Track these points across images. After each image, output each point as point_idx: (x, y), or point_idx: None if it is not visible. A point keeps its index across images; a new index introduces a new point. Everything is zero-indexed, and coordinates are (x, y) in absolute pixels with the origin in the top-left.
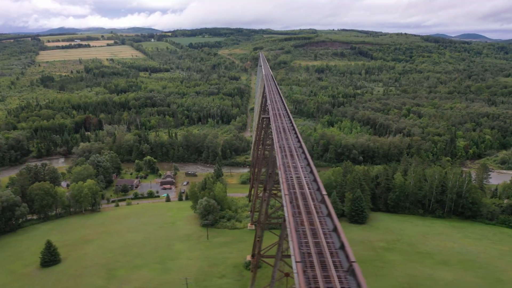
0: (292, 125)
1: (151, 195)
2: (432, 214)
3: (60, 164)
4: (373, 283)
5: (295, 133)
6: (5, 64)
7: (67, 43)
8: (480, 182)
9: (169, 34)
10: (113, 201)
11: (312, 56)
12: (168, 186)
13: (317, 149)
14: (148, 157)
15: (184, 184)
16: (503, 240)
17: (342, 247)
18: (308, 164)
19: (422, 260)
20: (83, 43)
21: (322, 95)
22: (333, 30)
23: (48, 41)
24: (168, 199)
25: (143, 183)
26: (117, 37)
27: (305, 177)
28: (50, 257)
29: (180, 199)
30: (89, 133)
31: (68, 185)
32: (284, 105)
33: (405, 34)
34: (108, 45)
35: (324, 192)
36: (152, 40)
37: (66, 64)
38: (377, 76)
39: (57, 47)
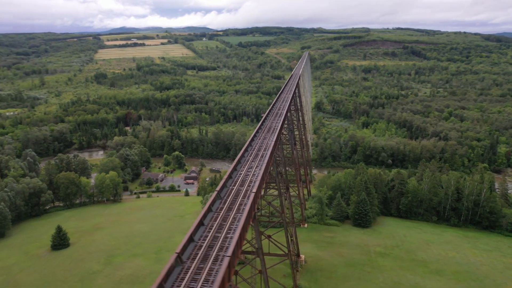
0: (281, 125)
1: (172, 189)
2: (447, 222)
3: (99, 156)
4: (350, 287)
5: (277, 132)
6: (66, 62)
7: (124, 42)
8: (504, 191)
9: (221, 33)
10: (135, 193)
11: (361, 55)
12: (191, 181)
13: (345, 150)
14: (176, 152)
15: (207, 180)
16: None
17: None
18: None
19: (414, 268)
20: (139, 42)
21: (364, 95)
22: (388, 29)
23: (108, 40)
24: (187, 194)
25: (169, 177)
26: (171, 36)
27: (253, 174)
28: (59, 241)
29: (199, 194)
30: (127, 128)
31: None
32: (291, 104)
33: (464, 32)
34: (162, 44)
35: (254, 190)
36: (204, 39)
37: (121, 62)
38: (428, 77)
39: (115, 46)
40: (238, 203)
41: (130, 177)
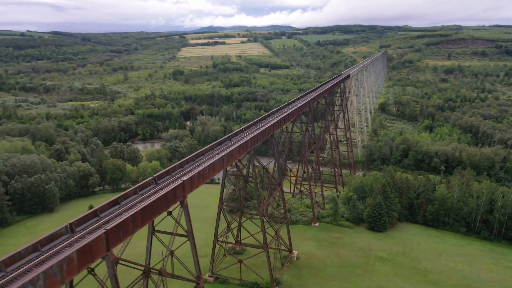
0: (275, 123)
1: (212, 181)
2: (477, 235)
3: (159, 147)
4: (330, 286)
5: (263, 129)
6: (151, 59)
7: (206, 41)
8: None
9: (300, 31)
10: None
11: (446, 55)
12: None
13: (396, 153)
14: None
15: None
16: None
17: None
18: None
19: (410, 276)
20: (220, 40)
21: (437, 97)
22: (483, 26)
23: (192, 39)
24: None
25: None
26: (251, 35)
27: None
28: None
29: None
30: (188, 121)
31: None
32: (312, 103)
33: None
34: (241, 42)
35: (184, 178)
36: (283, 37)
37: (200, 59)
38: None
39: (197, 44)
40: (166, 189)
41: None
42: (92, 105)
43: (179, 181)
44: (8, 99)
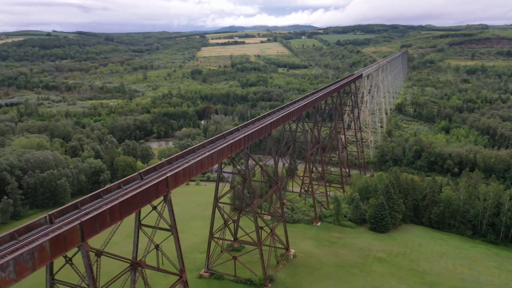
0: (271, 123)
1: (222, 180)
2: (483, 238)
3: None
4: (324, 285)
5: (257, 128)
6: (170, 59)
7: (226, 40)
8: None
9: (321, 31)
10: None
11: (469, 55)
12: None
13: (409, 154)
14: None
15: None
16: None
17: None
18: None
19: (407, 277)
20: (239, 40)
21: (456, 98)
22: (510, 25)
23: (212, 39)
24: None
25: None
26: (271, 35)
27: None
28: None
29: None
30: (202, 120)
31: None
32: (318, 101)
33: None
34: (261, 42)
35: (169, 174)
36: (303, 37)
37: (219, 59)
38: None
39: (217, 44)
40: (148, 184)
41: None
42: (111, 104)
43: (163, 177)
44: (31, 97)
